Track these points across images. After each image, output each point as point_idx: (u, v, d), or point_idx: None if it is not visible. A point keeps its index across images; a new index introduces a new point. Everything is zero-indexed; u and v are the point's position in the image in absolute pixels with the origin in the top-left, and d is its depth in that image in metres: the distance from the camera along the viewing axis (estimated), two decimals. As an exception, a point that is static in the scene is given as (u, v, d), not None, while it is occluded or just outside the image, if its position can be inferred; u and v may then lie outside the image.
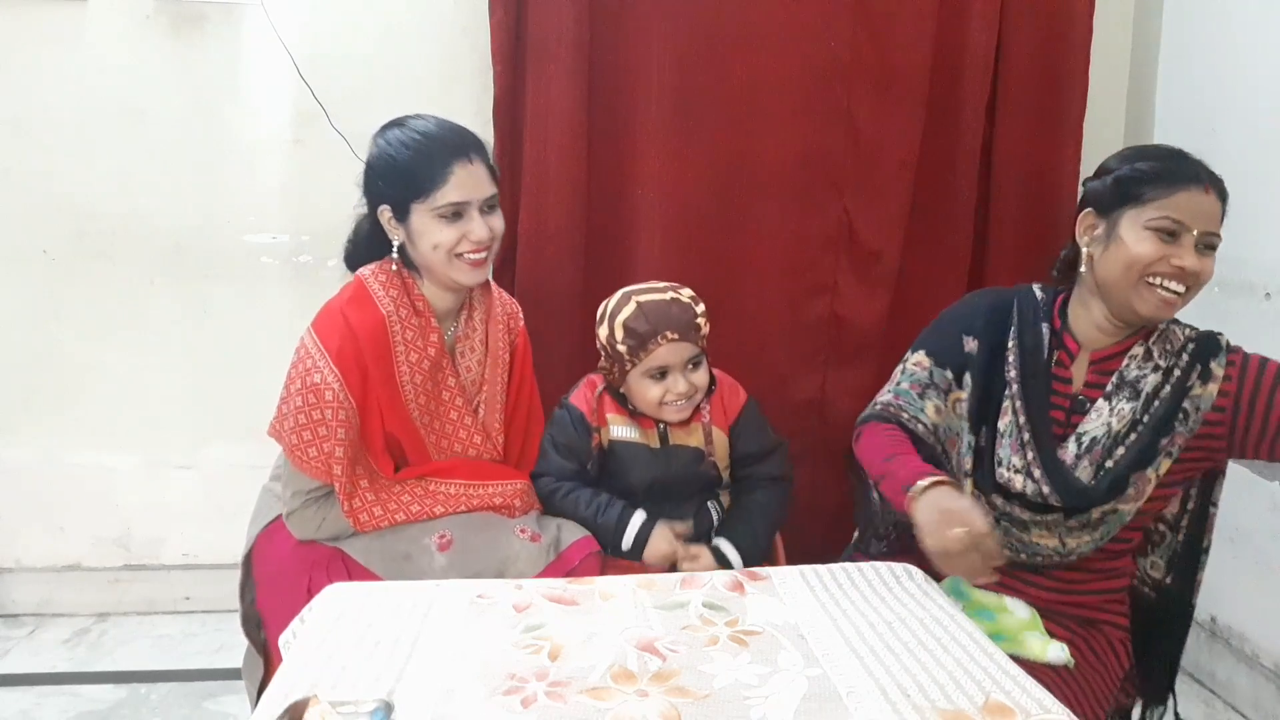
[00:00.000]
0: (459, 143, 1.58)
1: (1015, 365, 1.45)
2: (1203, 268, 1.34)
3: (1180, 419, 1.37)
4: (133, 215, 2.36)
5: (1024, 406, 1.42)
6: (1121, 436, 1.38)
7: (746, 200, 2.28)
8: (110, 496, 2.48)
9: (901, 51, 2.24)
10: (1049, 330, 1.46)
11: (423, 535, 1.57)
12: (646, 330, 1.61)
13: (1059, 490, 1.38)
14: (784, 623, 1.22)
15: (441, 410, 1.65)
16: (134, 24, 2.29)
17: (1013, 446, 1.42)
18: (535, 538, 1.58)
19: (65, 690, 2.14)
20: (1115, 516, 1.39)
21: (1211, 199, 1.34)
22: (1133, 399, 1.39)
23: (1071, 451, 1.40)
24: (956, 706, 1.01)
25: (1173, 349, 1.40)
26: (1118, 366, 1.41)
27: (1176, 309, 1.37)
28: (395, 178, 1.58)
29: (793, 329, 2.33)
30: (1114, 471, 1.37)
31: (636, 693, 1.03)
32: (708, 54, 2.21)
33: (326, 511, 1.58)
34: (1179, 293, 1.34)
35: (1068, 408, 1.43)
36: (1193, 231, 1.33)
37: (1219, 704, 2.15)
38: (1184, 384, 1.38)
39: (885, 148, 2.27)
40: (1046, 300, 1.49)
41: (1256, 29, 2.08)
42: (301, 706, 0.96)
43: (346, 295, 1.61)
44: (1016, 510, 1.43)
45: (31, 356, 2.40)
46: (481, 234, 1.58)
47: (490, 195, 1.61)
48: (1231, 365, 1.37)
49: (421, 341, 1.61)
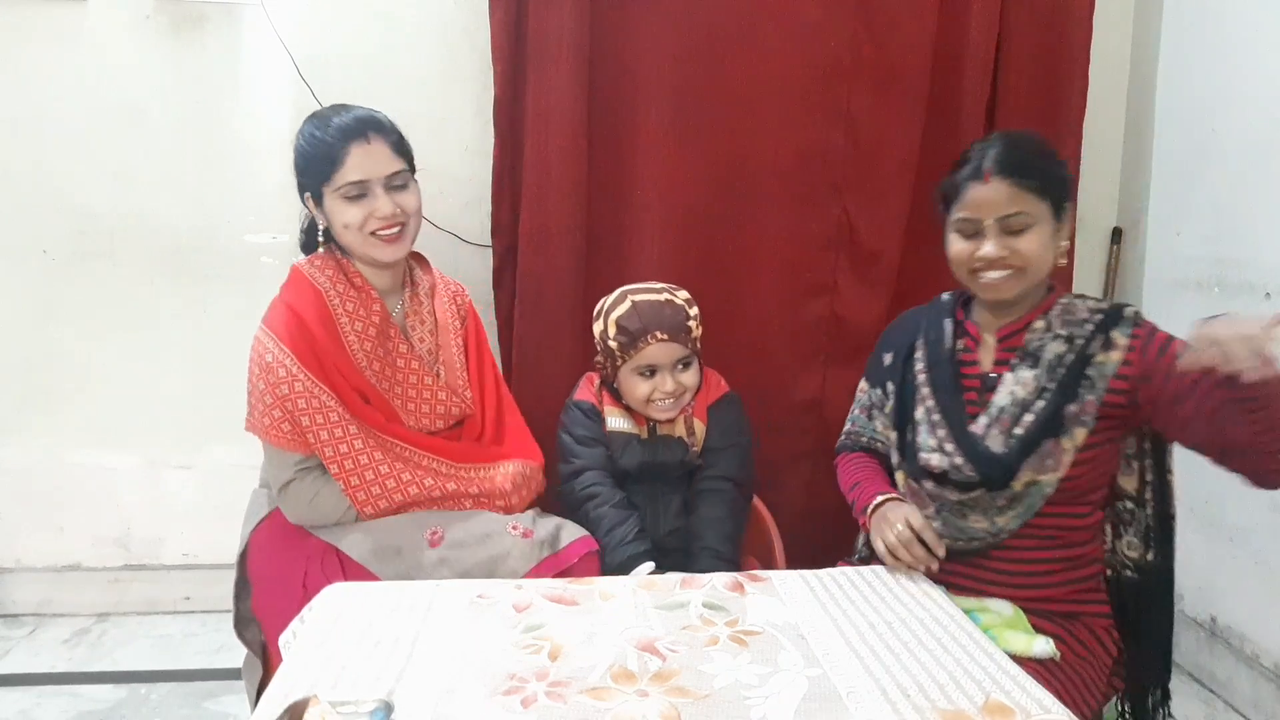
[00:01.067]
0: (356, 126, 1.63)
1: (922, 359, 1.56)
2: (1011, 249, 1.41)
3: (1085, 385, 1.40)
4: (133, 215, 2.36)
5: (932, 391, 1.52)
6: (1029, 403, 1.42)
7: (746, 200, 2.28)
8: (110, 496, 2.48)
9: (902, 51, 2.24)
10: (952, 323, 1.56)
11: (415, 530, 1.57)
12: (638, 329, 1.68)
13: (971, 459, 1.44)
14: (784, 623, 1.22)
15: (400, 377, 1.69)
16: (134, 24, 2.29)
17: (928, 430, 1.51)
18: (527, 534, 1.59)
19: (65, 690, 2.14)
20: (1036, 488, 1.41)
21: (994, 185, 1.40)
22: (1034, 366, 1.43)
23: (982, 423, 1.45)
24: (956, 707, 1.01)
25: (1075, 319, 1.44)
26: (1021, 342, 1.46)
27: (1013, 288, 1.43)
28: (304, 166, 1.67)
29: (793, 329, 2.33)
30: (1023, 437, 1.41)
31: (636, 693, 1.03)
32: (708, 54, 2.21)
33: (320, 486, 1.59)
34: (1003, 275, 1.42)
35: (979, 388, 1.49)
36: (985, 221, 1.41)
37: (1219, 704, 2.15)
38: (1086, 351, 1.41)
39: (885, 148, 2.27)
40: (951, 300, 1.60)
41: (1256, 29, 2.08)
42: (301, 706, 0.96)
43: (285, 286, 1.68)
44: (947, 494, 1.48)
45: (31, 356, 2.40)
46: (386, 210, 1.62)
47: (393, 172, 1.64)
48: (1135, 337, 1.40)
49: (364, 311, 1.66)
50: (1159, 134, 2.41)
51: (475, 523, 1.61)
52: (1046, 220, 1.41)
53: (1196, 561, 2.27)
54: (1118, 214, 2.57)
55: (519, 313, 2.25)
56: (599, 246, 2.27)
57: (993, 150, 1.42)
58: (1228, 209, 2.18)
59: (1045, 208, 1.41)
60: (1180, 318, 2.37)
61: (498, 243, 2.30)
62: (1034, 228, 1.40)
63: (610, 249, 2.29)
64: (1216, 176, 2.21)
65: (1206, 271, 2.23)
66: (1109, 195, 2.56)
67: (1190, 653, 2.28)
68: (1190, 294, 2.29)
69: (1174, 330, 2.32)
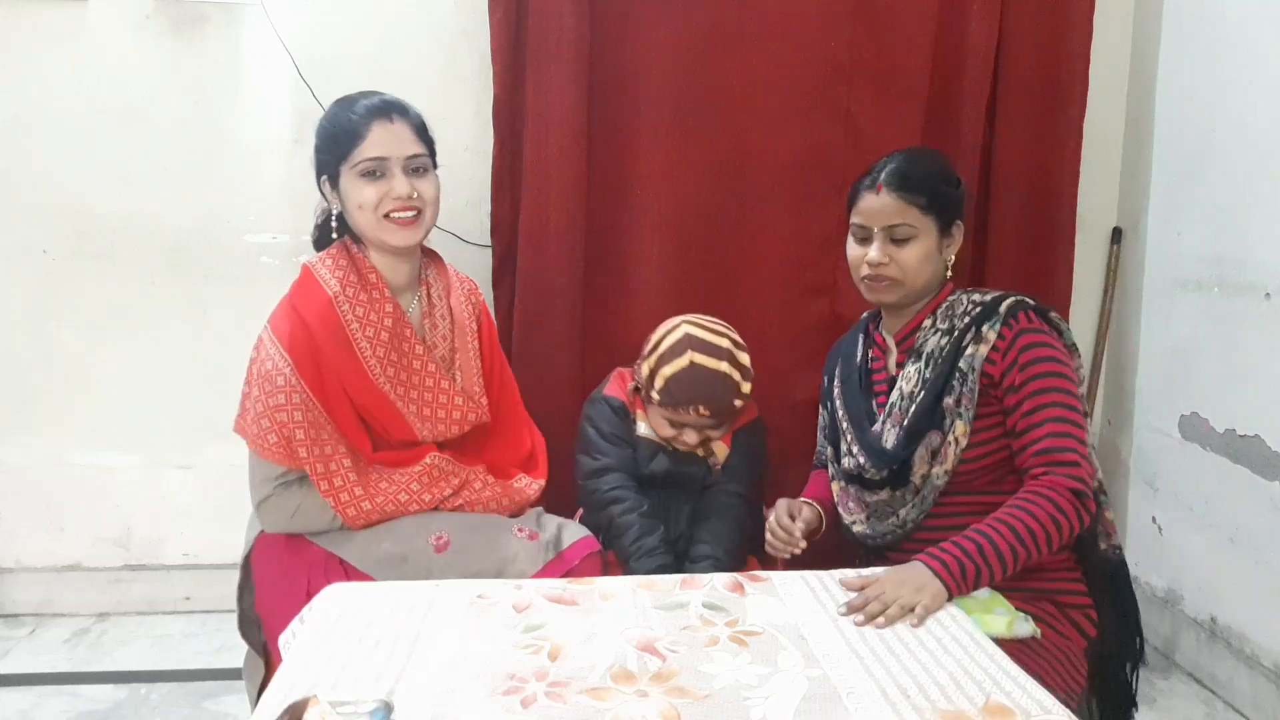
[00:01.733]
0: (381, 106, 1.62)
1: (839, 375, 1.69)
2: (892, 258, 1.50)
3: (958, 378, 1.46)
4: (133, 215, 2.36)
5: (843, 402, 1.65)
6: (915, 395, 1.51)
7: (746, 200, 2.28)
8: (110, 496, 2.47)
9: (902, 51, 2.24)
10: (863, 337, 1.67)
11: (419, 536, 1.56)
12: (684, 398, 1.67)
13: (870, 456, 1.54)
14: (784, 623, 1.22)
15: (415, 380, 1.65)
16: (134, 24, 2.29)
17: (843, 436, 1.63)
18: (533, 536, 1.58)
19: (65, 690, 2.14)
20: (928, 481, 1.48)
21: (883, 196, 1.50)
22: (917, 360, 1.53)
23: (880, 422, 1.56)
24: (957, 707, 1.01)
25: (957, 313, 1.51)
26: (913, 342, 1.56)
27: (891, 295, 1.53)
28: (325, 144, 1.65)
29: (793, 329, 2.33)
30: (907, 427, 1.50)
31: (636, 693, 1.03)
32: (708, 54, 2.21)
33: (300, 499, 1.57)
34: (882, 282, 1.51)
35: (887, 390, 1.58)
36: (874, 229, 1.51)
37: (1219, 704, 2.15)
38: (959, 344, 1.48)
39: (885, 148, 2.22)
40: (868, 318, 1.70)
41: (1256, 29, 2.08)
42: (301, 706, 0.96)
43: (294, 286, 1.65)
44: (867, 496, 1.57)
45: (31, 356, 2.40)
46: (402, 190, 1.59)
47: (414, 154, 1.62)
48: (1002, 336, 1.45)
49: (375, 314, 1.62)
50: (1159, 134, 2.41)
51: (480, 525, 1.60)
52: (931, 234, 1.51)
53: (1196, 561, 2.27)
54: (1118, 214, 2.57)
55: (519, 312, 2.25)
56: (599, 246, 2.27)
57: (891, 164, 1.53)
58: (1228, 209, 2.17)
59: (931, 223, 1.51)
60: (1180, 318, 2.39)
61: (497, 242, 2.30)
62: (916, 240, 1.50)
63: (610, 248, 2.29)
64: (1216, 176, 2.21)
65: (1206, 271, 2.23)
66: (1109, 195, 2.56)
67: (1190, 653, 2.28)
68: (1190, 294, 2.29)
69: (1174, 331, 2.34)
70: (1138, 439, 2.48)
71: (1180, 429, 2.31)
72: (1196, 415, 2.26)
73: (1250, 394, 2.09)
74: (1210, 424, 2.21)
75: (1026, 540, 1.32)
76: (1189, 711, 2.13)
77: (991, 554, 1.31)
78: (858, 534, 1.60)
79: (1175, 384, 2.34)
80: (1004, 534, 1.32)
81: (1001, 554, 1.31)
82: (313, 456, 1.54)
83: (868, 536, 1.58)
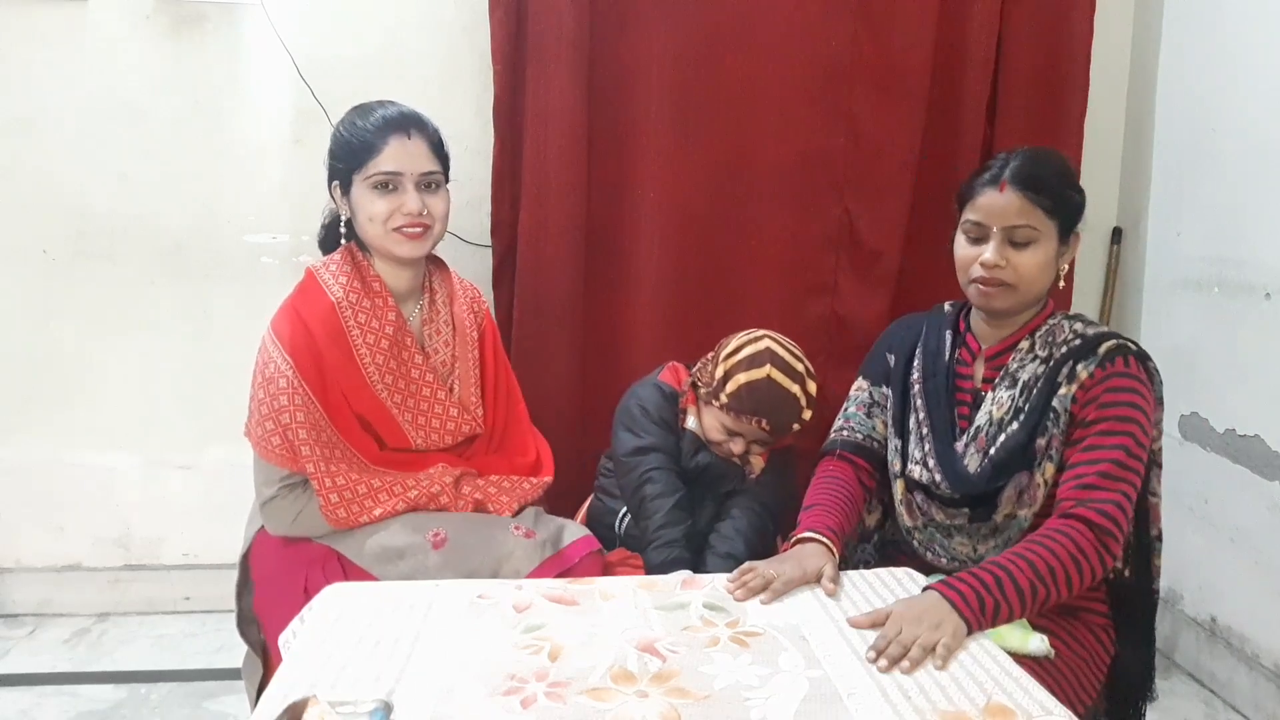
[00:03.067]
0: (399, 119, 1.62)
1: (919, 369, 1.57)
2: (1010, 261, 1.41)
3: (1052, 419, 1.39)
4: (133, 215, 2.36)
5: (924, 404, 1.54)
6: (1004, 423, 1.43)
7: (747, 200, 2.28)
8: (110, 496, 2.47)
9: (902, 51, 2.24)
10: (951, 334, 1.57)
11: (417, 533, 1.56)
12: (750, 408, 1.67)
13: (947, 476, 1.46)
14: (785, 624, 1.22)
15: (414, 389, 1.65)
16: (134, 24, 2.29)
17: (917, 442, 1.53)
18: (529, 534, 1.58)
19: (65, 690, 2.14)
20: (1014, 522, 1.42)
21: (1008, 194, 1.41)
22: (1011, 387, 1.45)
23: (963, 442, 1.48)
24: (957, 708, 1.01)
25: (1056, 341, 1.44)
26: (1006, 361, 1.48)
27: (1004, 300, 1.44)
28: (339, 152, 1.64)
29: (793, 329, 2.30)
30: (994, 459, 1.42)
31: (636, 693, 1.03)
32: (708, 54, 2.21)
33: (304, 503, 1.57)
34: (995, 287, 1.42)
35: (970, 403, 1.51)
36: (993, 229, 1.41)
37: (1219, 704, 2.15)
38: (1053, 380, 1.40)
39: (886, 148, 2.27)
40: (953, 311, 1.61)
41: (1256, 29, 2.08)
42: (301, 706, 0.96)
43: (297, 289, 1.65)
44: (934, 512, 1.50)
45: (31, 356, 2.40)
46: (413, 206, 1.59)
47: (427, 172, 1.62)
48: (1093, 376, 1.37)
49: (377, 322, 1.62)
50: (1159, 134, 2.41)
51: (477, 523, 1.60)
52: (1051, 240, 1.42)
53: (1196, 561, 2.27)
54: (1118, 214, 2.57)
55: (519, 313, 2.25)
56: (599, 246, 2.27)
57: (1015, 162, 1.43)
58: (1228, 209, 2.17)
59: (1053, 227, 1.42)
60: (1180, 318, 2.39)
61: (497, 242, 2.30)
62: (1037, 244, 1.41)
63: (610, 248, 2.29)
64: (1216, 176, 2.21)
65: (1206, 271, 2.23)
66: (1109, 195, 2.56)
67: (1190, 653, 2.28)
68: (1190, 294, 2.29)
69: (1174, 331, 2.34)
70: (1138, 439, 2.47)
71: (1180, 429, 2.31)
72: (1196, 415, 2.26)
73: (1250, 394, 2.09)
74: (1210, 424, 2.21)
75: (1046, 578, 1.26)
76: (1189, 711, 2.13)
77: (1010, 589, 1.24)
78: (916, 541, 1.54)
79: (1175, 384, 2.33)
80: (1023, 569, 1.26)
81: (1021, 590, 1.24)
82: (315, 456, 1.54)
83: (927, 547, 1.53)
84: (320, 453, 1.54)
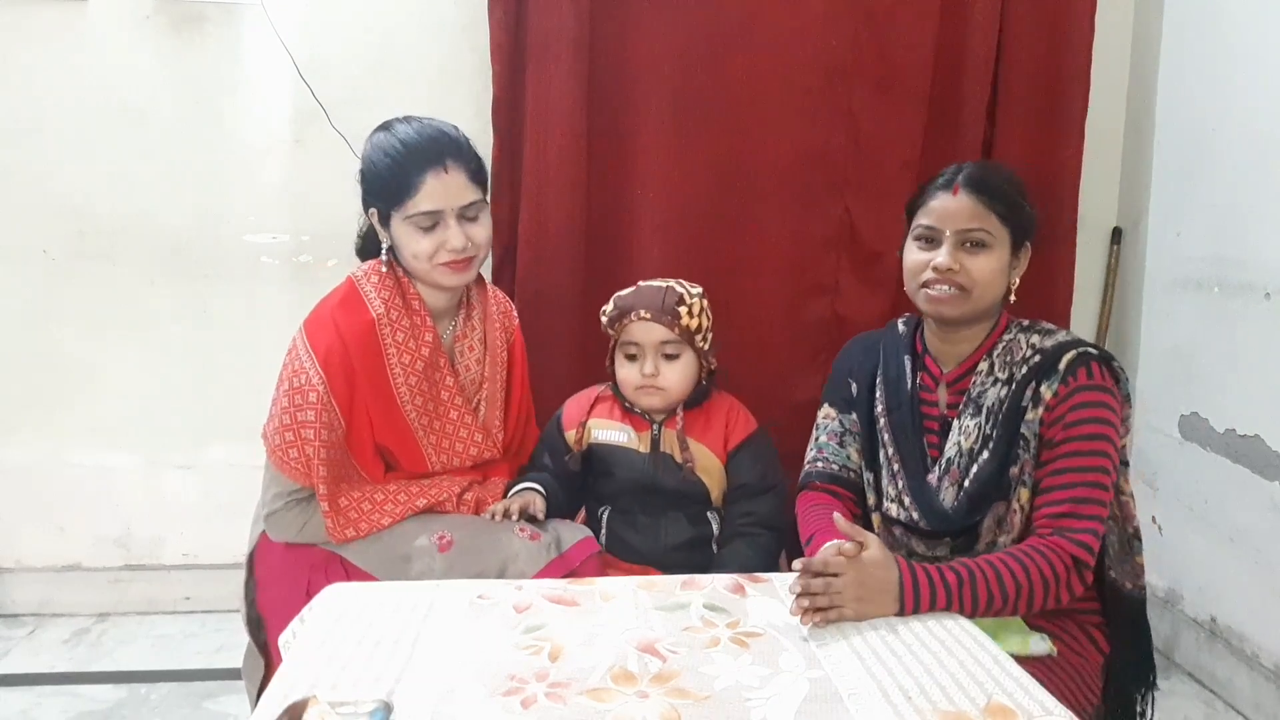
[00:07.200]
0: (434, 150, 1.55)
1: (882, 400, 1.53)
2: (963, 265, 1.39)
3: (1022, 445, 1.37)
4: (133, 215, 2.36)
5: (891, 437, 1.50)
6: (975, 453, 1.41)
7: (747, 200, 2.28)
8: (110, 496, 2.47)
9: (903, 51, 2.24)
10: (910, 359, 1.52)
11: (421, 536, 1.56)
12: (625, 305, 1.65)
13: (924, 514, 1.44)
14: (785, 624, 1.21)
15: (441, 410, 1.65)
16: (134, 24, 2.29)
17: (889, 478, 1.50)
18: (535, 536, 1.58)
19: (65, 690, 2.14)
20: (995, 549, 1.39)
21: (961, 199, 1.40)
22: (977, 414, 1.42)
23: (935, 475, 1.45)
24: (958, 708, 1.01)
25: (1015, 359, 1.41)
26: (967, 385, 1.45)
27: (956, 307, 1.41)
28: (375, 186, 1.60)
29: (793, 329, 2.34)
30: (970, 491, 1.40)
31: (637, 694, 1.03)
32: (708, 54, 2.21)
33: (309, 516, 1.57)
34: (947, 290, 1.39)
35: (939, 430, 1.47)
36: (945, 232, 1.40)
37: (1219, 704, 2.15)
38: (1018, 404, 1.38)
39: (886, 148, 2.27)
40: (907, 331, 1.56)
41: (1256, 30, 2.08)
42: (301, 706, 0.96)
43: (337, 298, 1.61)
44: (914, 544, 1.48)
45: (31, 356, 2.40)
46: (457, 243, 1.56)
47: (469, 203, 1.58)
48: (1057, 395, 1.35)
49: (414, 342, 1.60)
50: (1159, 134, 2.41)
51: (483, 525, 1.60)
52: (1004, 247, 1.41)
53: (1196, 561, 2.27)
54: (1118, 214, 2.57)
55: (518, 312, 2.24)
56: (598, 246, 2.27)
57: (968, 169, 1.44)
58: (1228, 209, 2.17)
59: (1005, 235, 1.41)
60: (1180, 318, 2.39)
61: (497, 242, 2.30)
62: (990, 250, 1.40)
63: (610, 248, 2.29)
64: (1216, 176, 2.21)
65: (1206, 271, 2.23)
66: (1109, 195, 2.56)
67: (1190, 653, 2.28)
68: (1190, 294, 2.29)
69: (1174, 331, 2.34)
70: (1137, 439, 2.47)
71: (1180, 429, 2.31)
72: (1196, 415, 2.26)
73: (1250, 394, 2.09)
74: (1210, 424, 2.21)
75: (1010, 592, 1.26)
76: (1189, 711, 2.13)
77: (968, 594, 1.24)
78: None
79: (1175, 384, 2.34)
80: (989, 578, 1.25)
81: (978, 596, 1.24)
82: (326, 477, 1.53)
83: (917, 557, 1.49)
84: (331, 473, 1.54)
